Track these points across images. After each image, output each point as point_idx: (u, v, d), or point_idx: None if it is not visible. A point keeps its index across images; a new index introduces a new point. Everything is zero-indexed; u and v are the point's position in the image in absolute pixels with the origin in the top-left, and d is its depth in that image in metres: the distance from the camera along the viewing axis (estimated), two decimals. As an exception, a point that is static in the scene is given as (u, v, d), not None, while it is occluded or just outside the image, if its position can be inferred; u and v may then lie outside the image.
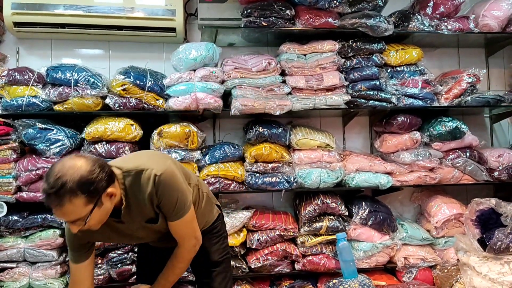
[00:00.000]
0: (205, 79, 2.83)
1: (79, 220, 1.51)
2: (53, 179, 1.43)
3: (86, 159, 1.52)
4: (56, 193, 1.42)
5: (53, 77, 2.73)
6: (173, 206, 1.69)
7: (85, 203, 1.48)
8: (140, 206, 1.68)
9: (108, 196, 1.56)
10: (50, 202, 1.46)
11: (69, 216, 1.50)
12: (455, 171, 3.10)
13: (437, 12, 3.13)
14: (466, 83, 3.11)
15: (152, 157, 1.81)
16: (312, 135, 2.98)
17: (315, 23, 2.94)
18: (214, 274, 1.98)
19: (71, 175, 1.44)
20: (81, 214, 1.49)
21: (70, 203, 1.45)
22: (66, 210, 1.46)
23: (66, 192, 1.43)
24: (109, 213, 1.61)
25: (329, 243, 2.92)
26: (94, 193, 1.49)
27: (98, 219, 1.57)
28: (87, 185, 1.46)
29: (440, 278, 2.98)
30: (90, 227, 1.57)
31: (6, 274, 2.69)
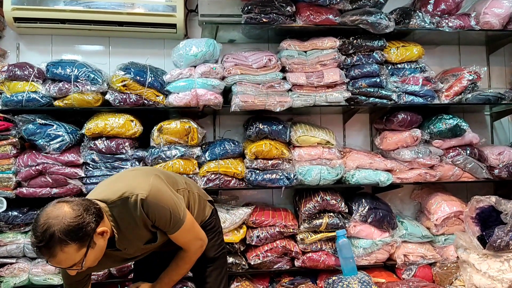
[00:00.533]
0: (206, 75, 2.82)
1: (75, 265, 1.49)
2: (40, 232, 1.40)
3: (70, 204, 1.48)
4: (46, 246, 1.40)
5: (53, 72, 2.73)
6: (168, 222, 1.67)
7: (77, 249, 1.46)
8: (135, 231, 1.66)
9: (100, 235, 1.53)
10: (42, 254, 1.44)
11: (64, 264, 1.47)
12: (455, 168, 3.10)
13: (438, 9, 3.12)
14: (467, 80, 3.10)
15: (135, 178, 1.72)
16: (312, 132, 2.97)
17: (316, 19, 2.94)
18: (209, 269, 1.98)
19: (57, 224, 1.41)
20: (75, 260, 1.47)
21: (62, 253, 1.43)
22: (60, 259, 1.44)
23: (55, 243, 1.40)
24: (103, 250, 1.59)
25: (328, 240, 2.93)
26: (84, 238, 1.46)
27: (93, 259, 1.56)
28: (76, 231, 1.43)
29: (439, 276, 2.98)
30: (87, 267, 1.56)
31: (6, 270, 2.69)
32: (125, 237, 1.66)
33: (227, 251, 2.77)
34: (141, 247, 1.75)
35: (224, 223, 2.75)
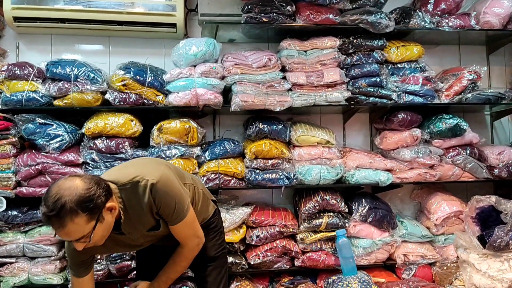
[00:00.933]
0: (205, 75, 2.82)
1: (83, 238, 1.52)
2: (52, 201, 1.43)
3: (81, 178, 1.52)
4: (57, 215, 1.43)
5: (53, 72, 2.73)
6: (172, 211, 1.71)
7: (87, 220, 1.49)
8: (140, 216, 1.70)
9: (109, 211, 1.57)
10: (52, 225, 1.47)
11: (73, 235, 1.50)
12: (455, 168, 3.10)
13: (438, 9, 3.12)
14: (467, 80, 3.10)
15: (146, 165, 1.80)
16: (312, 132, 2.97)
17: (316, 19, 2.93)
18: (209, 269, 1.99)
19: (69, 195, 1.44)
20: (84, 232, 1.50)
21: (72, 223, 1.45)
22: (69, 230, 1.47)
23: (66, 213, 1.43)
24: (111, 227, 1.63)
25: (328, 240, 2.92)
26: (94, 210, 1.50)
27: (101, 234, 1.58)
28: (87, 202, 1.47)
29: (439, 275, 2.98)
30: (94, 243, 1.59)
31: (6, 269, 2.69)
32: (131, 221, 1.70)
33: (227, 250, 2.78)
34: (144, 233, 1.77)
35: (224, 222, 2.73)
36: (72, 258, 1.79)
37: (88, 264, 1.83)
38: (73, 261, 1.80)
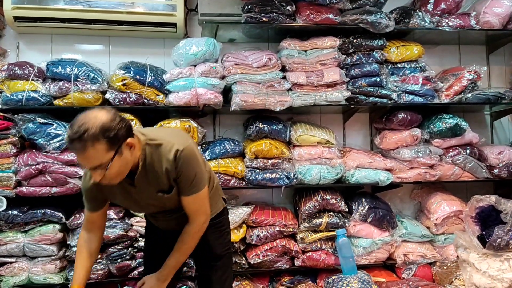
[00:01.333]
0: (206, 74, 2.82)
1: (100, 166, 1.57)
2: (77, 126, 1.52)
3: (107, 110, 1.61)
4: (80, 138, 1.50)
5: (53, 71, 2.73)
6: (190, 181, 1.77)
7: (107, 149, 1.55)
8: (156, 176, 1.75)
9: (128, 147, 1.63)
10: (74, 147, 1.54)
11: (91, 161, 1.56)
12: (455, 168, 3.10)
13: (438, 9, 3.12)
14: (467, 80, 3.10)
15: (176, 133, 1.92)
16: (312, 132, 2.98)
17: (316, 19, 2.94)
18: (215, 268, 2.00)
19: (93, 123, 1.52)
20: (102, 160, 1.56)
21: (92, 148, 1.52)
22: (89, 154, 1.53)
23: (89, 137, 1.50)
24: (128, 166, 1.67)
25: (328, 239, 2.93)
26: (115, 140, 1.57)
27: (118, 169, 1.63)
28: (109, 131, 1.54)
29: (439, 275, 2.98)
30: (110, 177, 1.63)
31: (6, 269, 2.69)
32: (146, 177, 1.75)
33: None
34: (153, 194, 1.81)
35: (224, 222, 2.75)
36: (86, 191, 1.85)
37: (100, 203, 1.90)
38: (87, 195, 1.87)
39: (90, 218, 1.93)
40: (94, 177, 1.62)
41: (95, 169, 1.58)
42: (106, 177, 1.61)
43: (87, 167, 1.62)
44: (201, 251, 1.97)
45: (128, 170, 1.70)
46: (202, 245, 1.95)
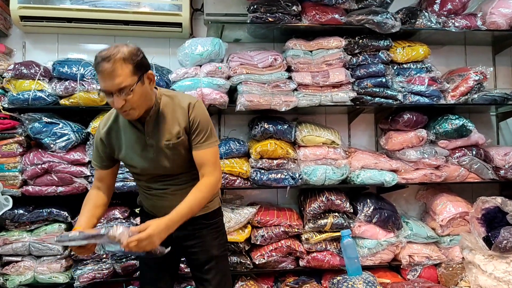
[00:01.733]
0: (211, 74, 2.82)
1: (125, 89, 1.66)
2: (106, 51, 1.66)
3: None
4: (109, 59, 1.63)
5: (60, 71, 2.74)
6: (204, 132, 1.86)
7: (132, 72, 1.67)
8: (168, 124, 1.84)
9: (149, 80, 1.77)
10: (102, 68, 1.64)
11: (118, 82, 1.65)
12: (461, 169, 3.09)
13: (445, 9, 3.11)
14: (473, 81, 3.09)
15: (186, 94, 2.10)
16: (318, 132, 2.97)
17: (322, 19, 2.93)
18: (213, 271, 1.98)
19: (121, 48, 1.67)
20: (126, 83, 1.66)
21: (120, 69, 1.64)
22: (116, 74, 1.64)
23: (117, 58, 1.64)
24: (147, 100, 1.78)
25: (333, 240, 2.92)
26: (140, 66, 1.71)
27: (139, 97, 1.72)
28: (135, 56, 1.69)
29: (445, 276, 2.97)
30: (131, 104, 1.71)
31: (12, 268, 2.70)
32: (157, 125, 1.84)
33: (232, 250, 2.79)
34: (162, 143, 1.84)
35: (229, 222, 2.75)
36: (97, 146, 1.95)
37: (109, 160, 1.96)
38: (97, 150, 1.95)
39: (99, 176, 1.99)
40: (116, 102, 1.69)
41: (119, 91, 1.67)
42: (127, 103, 1.69)
43: (112, 89, 1.68)
44: (199, 251, 1.97)
45: (146, 106, 1.79)
46: (200, 245, 1.96)
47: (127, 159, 1.91)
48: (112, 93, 1.69)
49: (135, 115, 1.77)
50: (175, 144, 1.84)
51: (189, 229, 1.95)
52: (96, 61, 1.67)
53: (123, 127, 1.90)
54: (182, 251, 2.03)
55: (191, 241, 1.98)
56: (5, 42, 3.12)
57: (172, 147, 1.85)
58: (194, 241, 1.98)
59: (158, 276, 2.02)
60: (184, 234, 1.96)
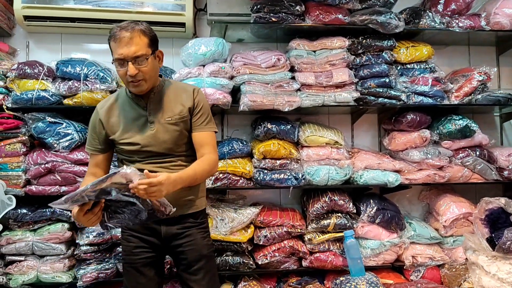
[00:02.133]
0: (214, 74, 2.82)
1: (140, 57, 1.81)
2: (125, 22, 1.84)
3: None
4: (128, 27, 1.81)
5: (63, 71, 2.74)
6: (206, 115, 2.02)
7: (148, 44, 1.85)
8: (170, 104, 1.98)
9: (159, 57, 1.95)
10: (122, 36, 1.79)
11: (135, 49, 1.80)
12: (465, 170, 3.08)
13: (448, 9, 3.10)
14: (477, 81, 3.08)
15: None
16: (321, 132, 2.97)
17: (325, 19, 2.93)
18: (203, 272, 2.00)
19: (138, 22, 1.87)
20: (142, 51, 1.82)
21: (139, 38, 1.81)
22: (134, 42, 1.80)
23: (136, 29, 1.82)
24: (156, 75, 1.95)
25: (336, 241, 2.92)
26: (154, 41, 1.90)
27: (150, 69, 1.87)
28: (151, 32, 1.89)
29: (448, 277, 2.96)
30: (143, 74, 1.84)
31: (15, 267, 2.70)
32: (159, 103, 1.98)
33: (235, 250, 2.79)
34: (165, 118, 1.96)
35: (232, 222, 2.76)
36: (93, 127, 2.03)
37: (105, 143, 2.02)
38: (93, 132, 2.03)
39: (95, 161, 2.05)
40: (130, 69, 1.80)
41: (135, 59, 1.80)
42: (140, 73, 1.83)
43: (128, 55, 1.80)
44: (188, 250, 1.99)
45: (153, 82, 1.94)
46: (189, 244, 1.99)
47: (126, 136, 1.96)
48: (127, 61, 1.81)
49: (144, 87, 1.89)
50: (176, 121, 1.96)
51: (178, 228, 1.98)
52: (114, 30, 1.81)
53: (122, 106, 2.00)
54: (171, 251, 2.04)
55: (180, 240, 2.00)
56: (8, 41, 3.12)
57: (173, 123, 1.96)
58: (184, 240, 2.00)
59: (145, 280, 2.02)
60: (174, 233, 1.99)
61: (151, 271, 2.02)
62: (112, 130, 1.99)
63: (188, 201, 2.01)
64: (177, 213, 1.86)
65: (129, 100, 2.00)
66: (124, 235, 2.06)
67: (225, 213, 2.83)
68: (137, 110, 1.97)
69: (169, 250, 2.06)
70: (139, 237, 2.00)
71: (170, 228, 1.98)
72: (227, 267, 2.79)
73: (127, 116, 1.98)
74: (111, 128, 1.99)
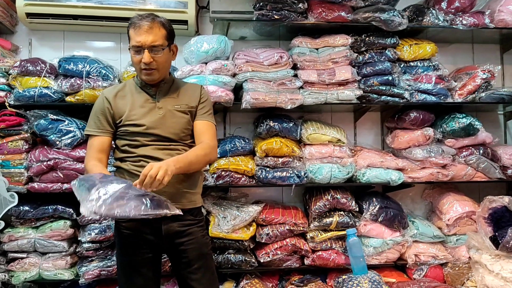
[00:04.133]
0: (217, 72, 2.81)
1: (157, 47, 1.92)
2: (146, 13, 1.96)
3: None
4: (149, 17, 1.92)
5: (65, 68, 2.74)
6: (209, 109, 2.15)
7: (165, 37, 1.96)
8: (178, 95, 2.08)
9: (173, 51, 2.06)
10: (142, 24, 1.90)
11: (154, 38, 1.91)
12: (468, 168, 3.06)
13: (452, 7, 3.09)
14: (481, 79, 3.06)
15: None
16: (323, 130, 2.96)
17: (328, 16, 2.92)
18: (203, 270, 2.01)
19: (159, 15, 1.98)
20: (159, 42, 1.92)
21: (158, 29, 1.93)
22: (153, 31, 1.91)
23: (157, 20, 1.94)
24: (168, 67, 2.06)
25: (339, 239, 2.91)
26: (171, 35, 2.01)
27: (165, 60, 1.98)
28: (169, 26, 2.00)
29: (451, 276, 2.95)
30: (157, 64, 1.94)
31: (17, 264, 2.70)
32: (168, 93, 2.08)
33: (237, 248, 2.78)
34: (174, 106, 2.04)
35: (234, 220, 2.75)
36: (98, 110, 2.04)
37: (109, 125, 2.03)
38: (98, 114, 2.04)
39: (100, 145, 2.01)
40: (146, 58, 1.90)
41: (151, 48, 1.90)
42: (154, 62, 1.92)
43: (146, 43, 1.89)
44: (190, 249, 1.99)
45: (165, 73, 2.03)
46: (191, 242, 1.99)
47: (133, 118, 1.98)
48: (143, 49, 1.90)
49: (155, 77, 1.98)
50: (184, 110, 2.05)
51: (179, 226, 1.98)
52: (135, 19, 1.92)
53: (131, 92, 2.06)
54: (171, 249, 2.03)
55: (182, 238, 2.00)
56: (11, 39, 3.13)
57: (182, 111, 2.04)
58: (186, 238, 2.00)
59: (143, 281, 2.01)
60: (175, 231, 1.98)
61: (149, 271, 2.01)
62: (119, 112, 2.02)
63: (186, 193, 2.00)
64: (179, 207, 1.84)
65: (138, 87, 2.06)
66: (121, 234, 2.02)
67: (227, 210, 2.83)
68: (146, 97, 2.04)
69: (168, 249, 2.04)
70: (138, 236, 1.98)
71: (171, 226, 1.97)
72: (229, 265, 2.79)
73: (135, 100, 2.03)
74: (118, 109, 2.02)
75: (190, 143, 2.08)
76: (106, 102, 2.03)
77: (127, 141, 2.01)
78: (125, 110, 2.01)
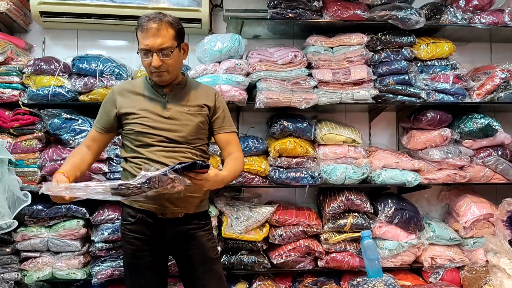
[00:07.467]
0: (230, 71, 2.79)
1: (166, 49, 1.85)
2: (154, 13, 1.88)
3: None
4: (156, 18, 1.85)
5: (79, 67, 2.74)
6: (228, 118, 2.09)
7: (174, 37, 1.88)
8: (189, 97, 2.01)
9: (183, 49, 1.98)
10: (149, 27, 1.83)
11: (161, 40, 1.84)
12: (486, 169, 3.00)
13: (471, 5, 3.03)
14: (499, 78, 3.00)
15: None
16: (338, 130, 2.92)
17: (343, 15, 2.88)
18: (209, 275, 1.98)
19: (167, 14, 1.90)
20: (168, 44, 1.85)
21: (165, 30, 1.85)
22: (162, 34, 1.84)
23: (164, 20, 1.86)
24: (179, 68, 1.99)
25: (353, 241, 2.87)
26: (180, 34, 1.93)
27: (175, 61, 1.91)
28: (178, 24, 1.92)
29: (468, 280, 2.89)
30: (166, 66, 1.88)
31: (30, 263, 2.71)
32: (179, 94, 2.01)
33: (250, 249, 2.76)
34: (184, 107, 1.98)
35: (247, 221, 2.73)
36: (105, 103, 2.04)
37: (111, 124, 2.02)
38: (104, 108, 2.04)
39: (94, 136, 2.04)
40: (154, 60, 1.84)
41: (160, 51, 1.84)
42: (164, 65, 1.86)
43: (154, 46, 1.83)
44: (195, 253, 1.96)
45: (176, 74, 1.97)
46: (196, 246, 1.96)
47: (140, 115, 1.95)
48: (152, 52, 1.84)
49: (166, 79, 1.93)
50: (194, 113, 1.98)
51: (183, 230, 1.95)
52: (142, 20, 1.86)
53: (141, 89, 2.01)
54: (175, 252, 2.02)
55: (187, 242, 1.97)
56: (25, 37, 3.13)
57: (191, 114, 1.98)
58: (191, 242, 1.97)
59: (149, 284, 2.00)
60: (179, 235, 1.96)
61: (154, 273, 1.99)
62: (126, 107, 1.97)
63: (190, 197, 1.93)
64: (183, 212, 1.92)
65: (149, 86, 2.01)
66: (126, 237, 2.01)
67: (240, 211, 2.80)
68: (156, 96, 1.99)
69: (173, 252, 2.03)
70: (141, 239, 1.95)
71: (175, 229, 1.95)
72: (242, 266, 2.76)
73: (145, 98, 1.98)
74: (126, 105, 1.97)
75: (199, 146, 2.01)
76: (113, 98, 2.01)
77: (132, 140, 1.97)
78: (132, 106, 1.97)
